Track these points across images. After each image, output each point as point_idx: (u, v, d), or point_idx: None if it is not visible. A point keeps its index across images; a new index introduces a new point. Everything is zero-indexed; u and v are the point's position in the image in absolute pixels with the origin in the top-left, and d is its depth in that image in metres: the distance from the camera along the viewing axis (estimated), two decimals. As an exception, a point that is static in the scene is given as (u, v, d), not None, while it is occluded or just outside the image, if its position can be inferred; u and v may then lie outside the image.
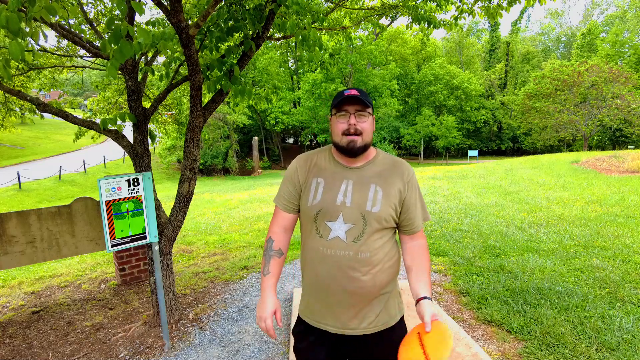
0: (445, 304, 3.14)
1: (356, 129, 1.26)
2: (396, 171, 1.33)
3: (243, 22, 2.33)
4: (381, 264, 1.28)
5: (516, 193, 8.07)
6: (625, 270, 3.49)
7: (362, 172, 1.32)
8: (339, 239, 1.26)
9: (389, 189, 1.29)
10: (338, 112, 1.29)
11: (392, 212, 1.28)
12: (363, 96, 1.27)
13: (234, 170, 29.69)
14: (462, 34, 44.79)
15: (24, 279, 4.47)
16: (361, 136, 1.27)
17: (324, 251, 1.28)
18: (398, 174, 1.32)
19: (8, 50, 1.24)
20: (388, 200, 1.27)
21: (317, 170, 1.36)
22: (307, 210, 1.32)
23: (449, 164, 29.99)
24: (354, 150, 1.28)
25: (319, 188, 1.32)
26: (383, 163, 1.35)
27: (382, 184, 1.30)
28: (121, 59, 1.50)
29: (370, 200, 1.26)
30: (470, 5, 3.38)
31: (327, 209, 1.28)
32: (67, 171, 20.49)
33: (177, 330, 2.93)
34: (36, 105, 2.61)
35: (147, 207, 2.51)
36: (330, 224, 1.27)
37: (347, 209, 1.26)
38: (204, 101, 2.71)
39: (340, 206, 1.27)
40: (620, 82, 24.03)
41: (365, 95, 1.29)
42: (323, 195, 1.30)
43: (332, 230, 1.27)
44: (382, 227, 1.27)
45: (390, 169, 1.33)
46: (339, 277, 1.27)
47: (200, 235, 6.19)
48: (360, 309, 1.29)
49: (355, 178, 1.31)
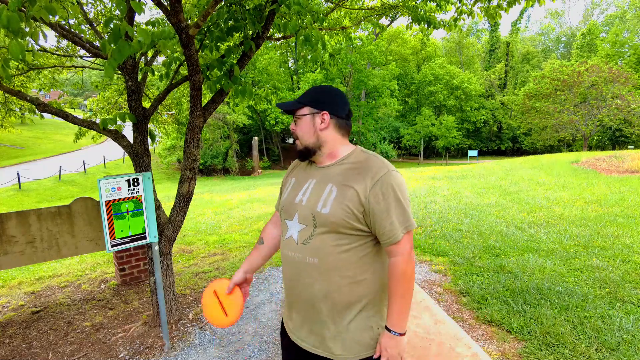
0: (445, 304, 3.14)
1: (294, 134, 1.25)
2: (362, 171, 1.15)
3: (243, 22, 2.33)
4: (336, 275, 1.13)
5: (516, 193, 8.07)
6: (625, 270, 3.49)
7: (327, 171, 1.22)
8: (292, 239, 1.21)
9: (344, 190, 1.13)
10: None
11: (345, 216, 1.11)
12: (301, 97, 1.24)
13: (234, 171, 29.69)
14: (462, 34, 44.82)
15: (24, 279, 4.47)
16: (299, 140, 1.24)
17: (284, 251, 1.26)
18: (363, 174, 1.14)
19: (7, 50, 1.24)
20: (341, 202, 1.12)
21: (296, 170, 1.36)
22: (278, 207, 1.34)
23: (449, 164, 30.00)
24: (299, 154, 1.27)
25: (289, 187, 1.31)
26: (352, 162, 1.20)
27: (339, 183, 1.16)
28: (119, 59, 1.50)
29: (322, 200, 1.15)
30: (469, 6, 3.39)
31: (287, 206, 1.26)
32: (67, 171, 20.49)
33: (177, 331, 2.93)
34: (36, 105, 2.61)
35: (147, 207, 2.51)
36: (288, 222, 1.24)
37: (302, 208, 1.19)
38: (204, 101, 2.72)
39: (298, 204, 1.21)
40: (620, 82, 24.05)
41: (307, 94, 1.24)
42: (288, 193, 1.29)
43: (289, 229, 1.23)
44: (337, 232, 1.12)
45: (357, 168, 1.17)
46: (294, 280, 1.22)
47: (200, 236, 6.19)
48: (310, 319, 1.20)
49: (319, 177, 1.23)
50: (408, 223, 1.13)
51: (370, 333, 1.17)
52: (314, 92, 1.24)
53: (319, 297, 1.15)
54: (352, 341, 1.15)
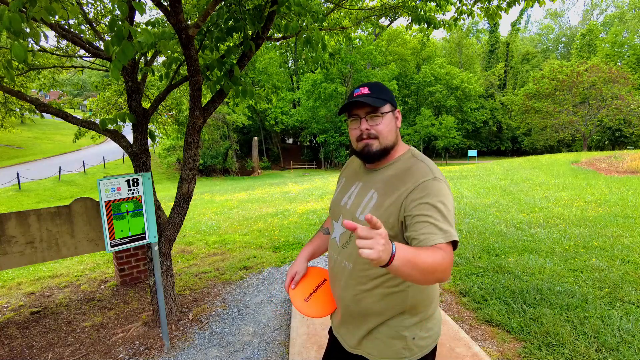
0: (445, 304, 3.14)
1: (369, 134, 1.11)
2: (404, 178, 1.08)
3: (243, 23, 2.33)
4: (368, 282, 1.11)
5: (516, 193, 8.08)
6: (624, 271, 3.49)
7: (373, 176, 1.17)
8: (334, 241, 1.23)
9: (384, 199, 1.08)
10: (349, 116, 1.16)
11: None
12: (374, 94, 1.11)
13: (234, 171, 29.71)
14: (462, 35, 44.88)
15: (24, 279, 4.47)
16: (377, 139, 1.11)
17: (329, 251, 1.28)
18: (405, 180, 1.07)
19: (11, 52, 1.24)
20: (378, 210, 1.07)
21: (348, 169, 1.35)
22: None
23: (449, 164, 30.01)
24: (369, 154, 1.13)
25: (339, 186, 1.32)
26: (399, 167, 1.13)
27: (381, 190, 1.11)
28: (124, 60, 1.51)
29: (362, 207, 1.13)
30: (469, 6, 3.39)
31: (334, 207, 1.27)
32: (67, 171, 20.49)
33: (176, 331, 2.92)
34: (36, 105, 2.61)
35: (147, 207, 2.51)
36: (334, 223, 1.25)
37: (346, 212, 1.19)
38: (204, 101, 2.72)
39: (343, 207, 1.21)
40: (619, 83, 24.09)
41: (378, 90, 1.13)
42: (337, 194, 1.29)
43: (334, 230, 1.24)
44: None
45: (401, 174, 1.10)
46: (333, 280, 1.24)
47: (200, 236, 6.18)
48: (348, 319, 1.21)
49: (365, 181, 1.19)
50: (451, 233, 0.95)
51: (403, 342, 1.12)
52: (381, 88, 1.14)
53: (352, 300, 1.15)
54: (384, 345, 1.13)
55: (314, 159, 37.18)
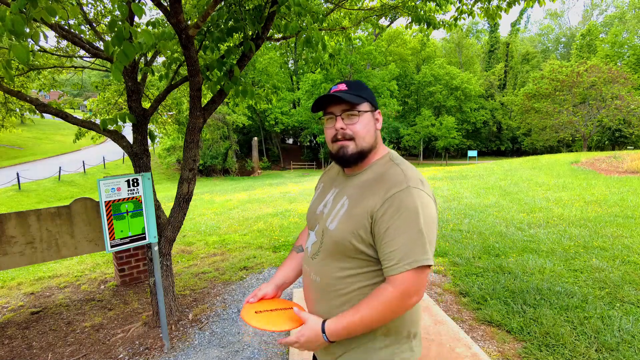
0: (445, 305, 3.14)
1: (344, 134, 1.01)
2: (375, 186, 0.98)
3: (243, 23, 2.33)
4: (336, 299, 1.01)
5: (516, 193, 8.08)
6: (624, 271, 3.49)
7: (348, 181, 1.07)
8: (307, 250, 1.12)
9: (354, 206, 0.98)
10: (324, 114, 1.06)
11: (349, 236, 0.96)
12: (352, 90, 1.02)
13: (234, 171, 29.71)
14: (462, 35, 44.89)
15: (23, 279, 4.47)
16: (353, 141, 1.01)
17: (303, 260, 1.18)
18: (375, 191, 0.96)
19: (13, 53, 1.23)
20: (347, 220, 0.98)
21: (326, 174, 1.24)
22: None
23: (449, 164, 30.02)
24: (345, 158, 1.02)
25: (317, 193, 1.22)
26: (373, 171, 1.03)
27: (352, 197, 1.01)
28: (125, 61, 1.51)
29: (332, 215, 1.03)
30: (469, 6, 3.40)
31: (310, 216, 1.17)
32: (67, 172, 20.49)
33: (176, 331, 2.92)
34: (36, 105, 2.61)
35: (147, 207, 2.51)
36: (310, 232, 1.15)
37: (322, 220, 1.07)
38: (204, 102, 2.72)
39: (319, 216, 1.10)
40: (619, 83, 24.11)
41: (357, 88, 1.04)
42: (314, 201, 1.19)
43: (309, 238, 1.14)
44: (341, 252, 0.98)
45: (373, 181, 1.00)
46: (306, 292, 1.13)
47: (200, 236, 6.18)
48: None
49: (340, 187, 1.09)
50: (417, 257, 0.88)
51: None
52: (361, 85, 1.05)
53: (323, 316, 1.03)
54: None
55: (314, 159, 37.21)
